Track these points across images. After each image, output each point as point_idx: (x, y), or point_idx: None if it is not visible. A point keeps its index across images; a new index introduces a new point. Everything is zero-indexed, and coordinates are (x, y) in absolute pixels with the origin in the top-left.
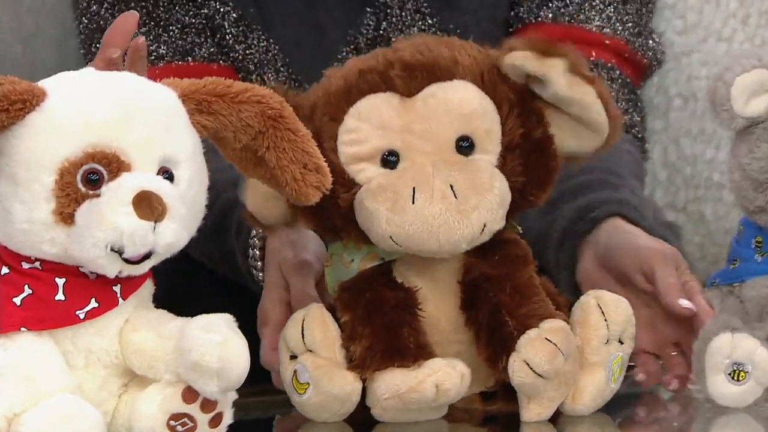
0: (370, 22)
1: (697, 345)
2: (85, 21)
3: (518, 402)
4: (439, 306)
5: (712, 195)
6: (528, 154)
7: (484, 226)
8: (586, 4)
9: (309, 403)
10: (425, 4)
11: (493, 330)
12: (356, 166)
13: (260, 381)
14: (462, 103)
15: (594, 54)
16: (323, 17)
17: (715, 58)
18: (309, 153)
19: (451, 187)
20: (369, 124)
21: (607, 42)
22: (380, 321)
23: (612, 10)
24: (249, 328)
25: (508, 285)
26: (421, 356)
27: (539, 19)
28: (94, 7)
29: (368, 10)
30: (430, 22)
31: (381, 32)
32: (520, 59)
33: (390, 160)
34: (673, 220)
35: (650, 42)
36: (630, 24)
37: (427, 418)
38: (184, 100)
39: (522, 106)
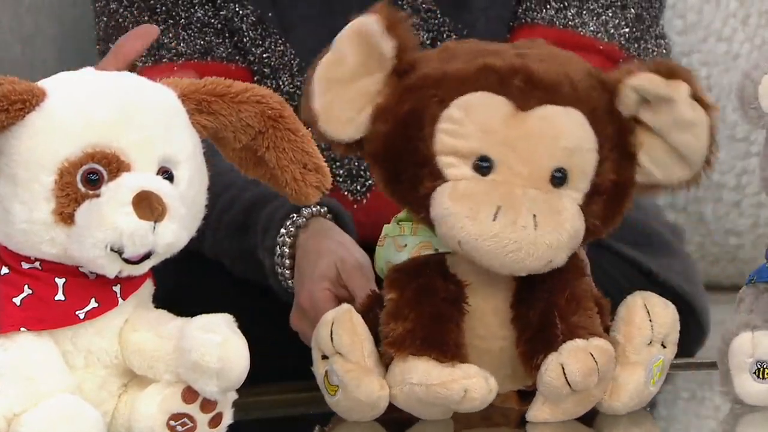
0: None
1: (718, 346)
2: (105, 19)
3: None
4: (488, 299)
5: (712, 195)
6: (612, 199)
7: (550, 261)
8: (584, 8)
9: (340, 405)
10: (435, 4)
11: (540, 328)
12: (448, 158)
13: (260, 381)
14: (570, 136)
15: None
16: (341, 22)
17: (715, 58)
18: (309, 153)
19: (534, 217)
20: (474, 121)
21: (600, 47)
22: (428, 309)
23: (609, 14)
24: (250, 329)
25: (566, 290)
26: (458, 357)
27: (535, 21)
28: (113, 6)
29: None
30: (440, 21)
31: None
32: (646, 81)
33: (483, 166)
34: (673, 220)
35: (651, 46)
36: (627, 29)
37: (433, 417)
38: (184, 100)
39: (620, 148)
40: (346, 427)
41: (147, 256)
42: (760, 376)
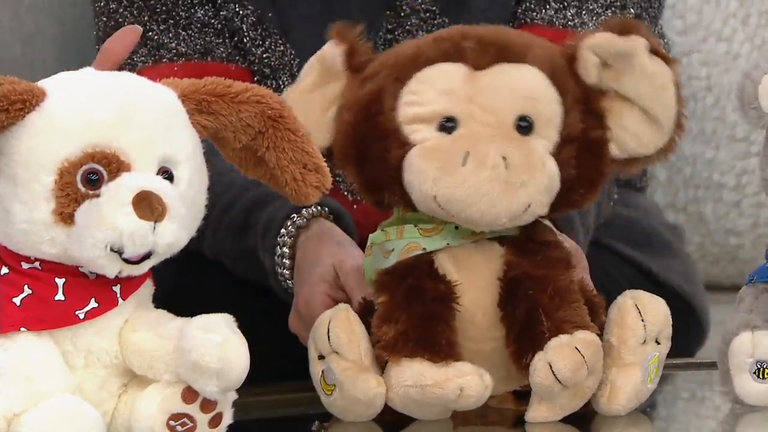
0: (389, 26)
1: (718, 347)
2: (104, 19)
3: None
4: (476, 301)
5: (712, 195)
6: (583, 150)
7: (529, 206)
8: (583, 8)
9: (336, 404)
10: (434, 4)
11: (526, 327)
12: (412, 126)
13: (260, 381)
14: (528, 86)
15: None
16: (341, 22)
17: (715, 58)
18: (309, 153)
19: (504, 158)
20: (433, 89)
21: None
22: (419, 310)
23: (609, 14)
24: (250, 329)
25: (549, 286)
26: (451, 356)
27: (535, 21)
28: (113, 6)
29: (387, 13)
30: (439, 21)
31: (396, 35)
32: (603, 40)
33: (447, 125)
34: (673, 220)
35: None
36: None
37: (432, 417)
38: (183, 100)
39: (585, 104)
40: (344, 427)
41: (147, 256)
42: (760, 376)
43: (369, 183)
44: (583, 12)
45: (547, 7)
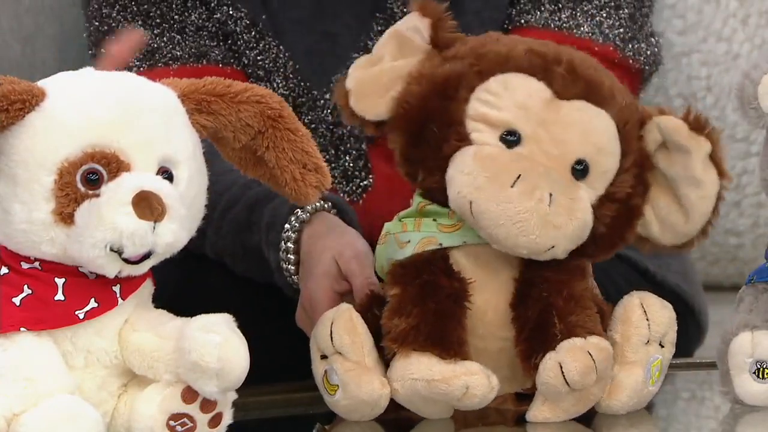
0: (380, 28)
1: (718, 347)
2: (96, 23)
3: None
4: (488, 299)
5: None
6: (621, 213)
7: (552, 247)
8: (577, 10)
9: (339, 405)
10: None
11: (538, 327)
12: (477, 124)
13: (260, 381)
14: (600, 134)
15: None
16: (333, 24)
17: (715, 58)
18: (308, 153)
19: (550, 195)
20: (512, 97)
21: (596, 48)
22: (432, 306)
23: (603, 15)
24: (250, 328)
25: (564, 290)
26: (460, 354)
27: (530, 23)
28: (106, 10)
29: (377, 15)
30: None
31: None
32: (671, 125)
33: (510, 139)
34: None
35: (644, 46)
36: (621, 29)
37: (434, 415)
38: (183, 100)
39: (640, 170)
40: (346, 426)
41: (147, 256)
42: (760, 376)
43: (413, 156)
44: (578, 13)
45: (542, 9)
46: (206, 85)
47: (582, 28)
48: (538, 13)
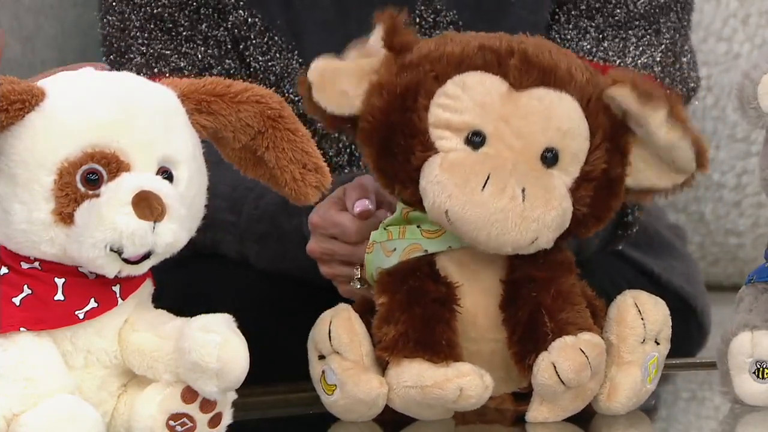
0: None
1: (718, 347)
2: (111, 18)
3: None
4: (477, 302)
5: (712, 195)
6: (600, 189)
7: (536, 239)
8: (620, 36)
9: (337, 405)
10: (460, 18)
11: (529, 327)
12: (441, 131)
13: (260, 381)
14: (563, 118)
15: None
16: (355, 28)
17: (715, 58)
18: (308, 153)
19: (523, 190)
20: (470, 97)
21: None
22: (419, 311)
23: (645, 42)
24: (250, 328)
25: (552, 288)
26: (451, 356)
27: (575, 51)
28: (122, 7)
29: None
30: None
31: None
32: (623, 97)
33: (474, 140)
34: (673, 221)
35: (685, 70)
36: (660, 55)
37: (434, 418)
38: (183, 100)
39: (612, 141)
40: (345, 427)
41: (146, 256)
42: (760, 376)
43: (385, 169)
44: (617, 41)
45: (587, 36)
46: (206, 85)
47: (626, 58)
48: (584, 41)
